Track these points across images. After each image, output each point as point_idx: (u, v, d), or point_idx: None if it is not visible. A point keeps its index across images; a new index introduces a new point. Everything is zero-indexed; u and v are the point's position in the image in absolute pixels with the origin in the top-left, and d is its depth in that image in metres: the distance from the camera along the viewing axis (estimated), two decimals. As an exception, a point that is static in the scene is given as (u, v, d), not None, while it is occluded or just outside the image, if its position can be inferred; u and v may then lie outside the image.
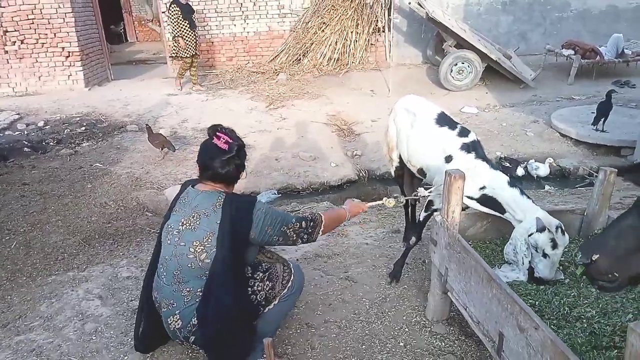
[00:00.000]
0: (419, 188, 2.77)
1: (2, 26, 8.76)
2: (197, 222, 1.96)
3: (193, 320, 1.96)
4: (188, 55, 8.52)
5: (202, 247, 1.94)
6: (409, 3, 8.57)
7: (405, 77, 9.28)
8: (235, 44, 10.33)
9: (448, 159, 2.62)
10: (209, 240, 1.94)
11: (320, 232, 2.18)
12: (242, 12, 10.12)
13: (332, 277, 2.90)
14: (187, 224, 1.98)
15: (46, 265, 3.23)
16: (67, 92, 9.01)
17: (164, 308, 2.02)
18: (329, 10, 9.74)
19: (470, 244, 2.15)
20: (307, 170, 5.75)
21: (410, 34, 10.08)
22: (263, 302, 2.09)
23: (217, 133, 2.03)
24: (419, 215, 2.83)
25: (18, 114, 7.83)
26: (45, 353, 2.29)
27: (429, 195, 2.68)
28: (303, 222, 2.11)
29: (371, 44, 10.06)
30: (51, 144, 6.41)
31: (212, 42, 10.31)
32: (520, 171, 5.49)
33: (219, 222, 1.95)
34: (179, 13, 8.19)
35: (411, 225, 3.29)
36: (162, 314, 2.03)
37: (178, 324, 1.99)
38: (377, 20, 9.68)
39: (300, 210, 4.51)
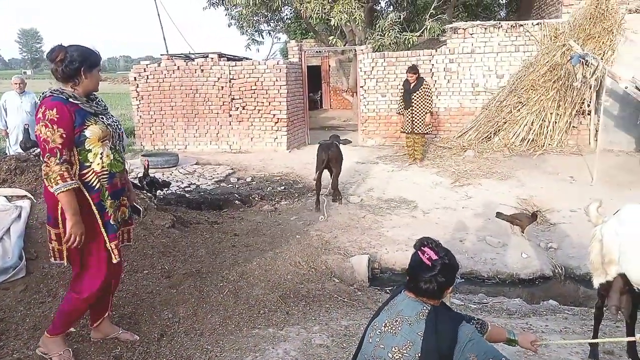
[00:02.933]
0: None
1: (230, 94, 10.48)
2: (399, 328, 1.98)
3: None
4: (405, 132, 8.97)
5: (400, 355, 1.93)
6: (625, 87, 7.80)
7: (614, 165, 8.33)
8: (425, 118, 10.58)
9: None
10: (408, 349, 1.93)
11: None
12: (436, 88, 10.40)
13: (531, 394, 2.64)
14: (390, 327, 2.00)
15: (250, 317, 3.58)
16: (271, 152, 10.23)
17: None
18: (527, 90, 9.43)
19: None
20: (494, 257, 5.45)
21: (622, 118, 9.12)
22: None
23: (422, 247, 2.02)
24: None
25: (232, 168, 9.12)
26: (249, 406, 2.51)
27: None
28: None
29: (573, 127, 9.36)
30: (256, 198, 7.27)
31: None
32: None
33: (420, 333, 1.93)
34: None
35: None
36: None
37: None
38: (583, 103, 9.00)
39: (488, 304, 4.26)
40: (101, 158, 2.68)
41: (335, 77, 20.87)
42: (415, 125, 8.66)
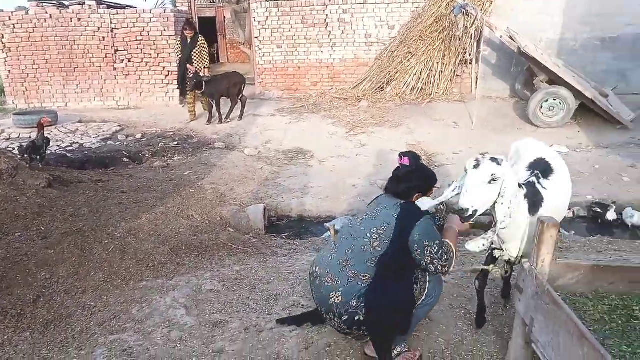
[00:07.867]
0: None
1: (114, 46, 9.68)
2: (378, 212, 2.35)
3: (352, 302, 2.19)
4: None
5: (377, 235, 2.26)
6: (500, 37, 8.39)
7: (491, 110, 9.05)
8: (321, 70, 10.64)
9: None
10: (384, 230, 2.25)
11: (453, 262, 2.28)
12: (331, 39, 10.43)
13: (407, 313, 2.87)
14: (370, 214, 2.39)
15: (138, 270, 3.47)
16: (163, 107, 9.72)
17: (328, 283, 2.28)
18: (416, 41, 9.78)
19: (558, 296, 2.06)
20: (384, 199, 5.75)
21: (498, 66, 9.85)
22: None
23: (401, 156, 2.57)
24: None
25: (120, 125, 8.56)
26: (135, 354, 2.47)
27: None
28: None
29: (457, 75, 9.95)
30: (147, 155, 6.92)
31: (299, 67, 10.69)
32: (611, 215, 5.12)
33: (395, 215, 2.27)
34: None
35: None
36: (324, 288, 2.28)
37: (338, 300, 2.22)
38: (465, 52, 9.57)
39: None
40: None
41: (231, 29, 20.09)
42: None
